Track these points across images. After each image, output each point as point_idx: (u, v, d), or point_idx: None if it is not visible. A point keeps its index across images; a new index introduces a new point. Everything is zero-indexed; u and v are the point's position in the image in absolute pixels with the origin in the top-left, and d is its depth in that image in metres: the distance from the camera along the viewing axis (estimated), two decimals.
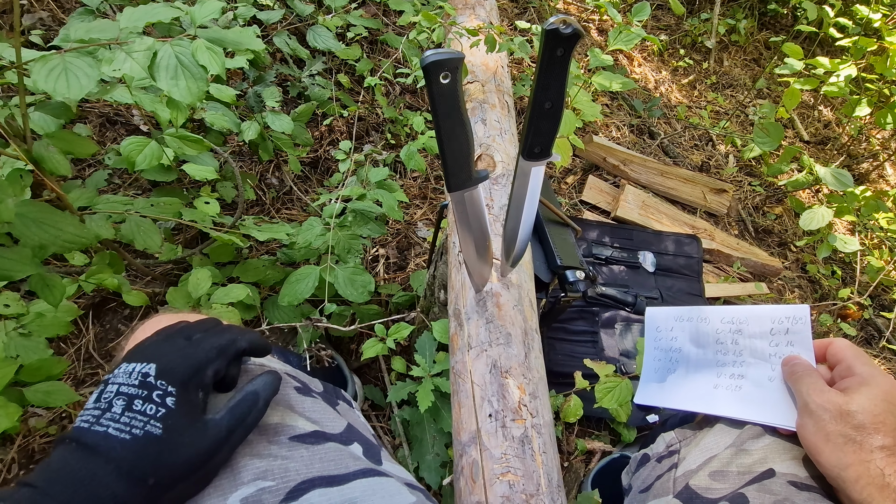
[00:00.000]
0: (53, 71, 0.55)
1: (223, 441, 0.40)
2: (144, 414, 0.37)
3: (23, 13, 1.35)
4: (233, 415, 0.41)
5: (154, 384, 0.39)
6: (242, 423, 0.41)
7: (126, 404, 0.37)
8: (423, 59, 0.43)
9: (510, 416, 0.57)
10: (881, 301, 1.77)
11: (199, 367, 0.41)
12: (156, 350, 0.42)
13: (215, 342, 0.44)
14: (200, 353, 0.42)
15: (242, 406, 0.42)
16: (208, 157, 1.08)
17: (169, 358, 0.41)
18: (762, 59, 2.58)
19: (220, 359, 0.43)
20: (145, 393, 0.38)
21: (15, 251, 0.61)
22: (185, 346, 0.43)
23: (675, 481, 0.58)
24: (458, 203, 0.56)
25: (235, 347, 0.45)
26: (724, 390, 0.60)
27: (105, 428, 0.36)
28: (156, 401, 0.38)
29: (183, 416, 0.38)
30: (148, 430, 0.36)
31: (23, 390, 0.78)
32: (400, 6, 1.43)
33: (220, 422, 0.40)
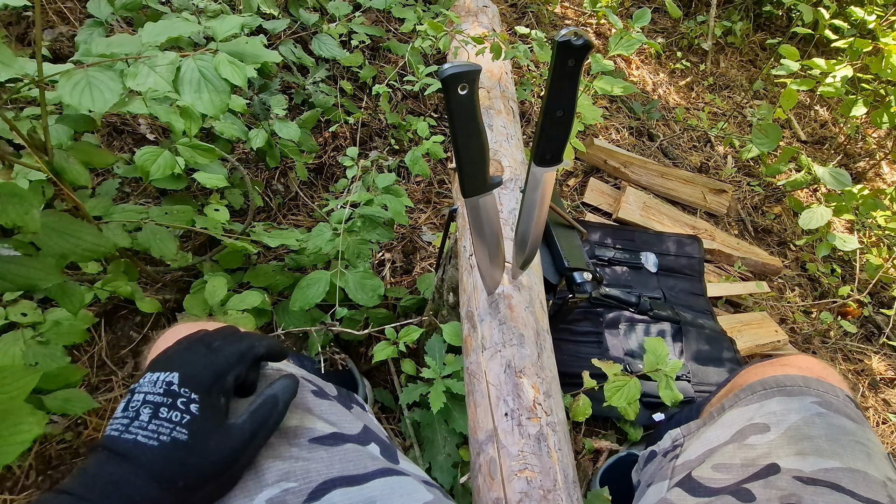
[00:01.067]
0: (78, 85, 0.56)
1: (247, 443, 0.42)
2: (170, 421, 0.39)
3: (44, 28, 1.37)
4: (254, 418, 0.43)
5: (178, 392, 0.40)
6: (264, 425, 0.43)
7: (153, 412, 0.39)
8: (442, 72, 0.45)
9: (525, 415, 0.58)
10: (880, 298, 1.79)
11: (220, 374, 0.43)
12: (178, 359, 0.44)
13: (235, 349, 0.46)
14: (221, 359, 0.44)
15: (263, 409, 0.44)
16: (218, 165, 1.10)
17: (191, 366, 0.43)
18: (758, 60, 2.61)
19: (240, 364, 0.45)
20: (170, 401, 0.40)
21: (38, 261, 0.63)
22: (206, 353, 0.45)
23: (673, 469, 0.60)
24: (472, 208, 0.58)
25: (254, 353, 0.46)
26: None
27: (134, 436, 0.38)
28: (180, 408, 0.40)
29: (207, 422, 0.40)
30: (175, 435, 0.38)
31: (42, 398, 0.79)
32: (402, 14, 1.45)
33: (242, 425, 0.42)
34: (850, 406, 0.58)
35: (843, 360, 1.60)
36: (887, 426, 1.46)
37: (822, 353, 1.59)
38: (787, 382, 0.61)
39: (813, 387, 0.59)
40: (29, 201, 0.58)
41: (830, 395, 0.58)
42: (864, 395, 1.53)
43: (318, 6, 1.55)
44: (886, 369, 1.61)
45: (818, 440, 0.53)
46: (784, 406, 0.58)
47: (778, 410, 0.58)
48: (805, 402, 0.57)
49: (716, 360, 1.27)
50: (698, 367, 1.24)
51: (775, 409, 0.58)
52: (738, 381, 0.68)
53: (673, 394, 0.79)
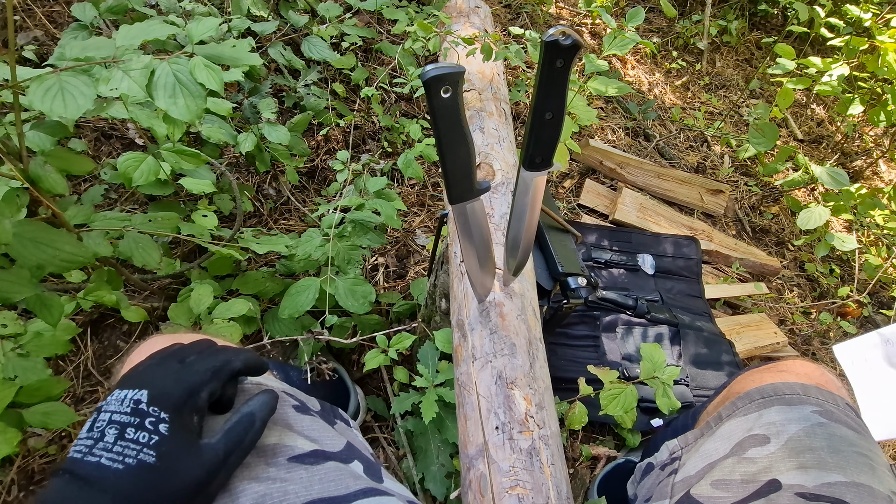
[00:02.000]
0: (50, 91, 0.54)
1: (220, 465, 0.39)
2: (137, 442, 0.37)
3: (17, 31, 1.35)
4: (229, 438, 0.41)
5: (146, 411, 0.38)
6: (239, 445, 0.41)
7: (118, 433, 0.37)
8: (424, 74, 0.43)
9: (517, 428, 0.56)
10: (880, 298, 1.78)
11: (192, 391, 0.41)
12: (148, 375, 0.42)
13: (209, 364, 0.43)
14: (194, 375, 0.42)
15: (238, 428, 0.42)
16: (205, 170, 1.08)
17: (161, 383, 0.40)
18: (754, 59, 2.60)
19: (214, 381, 0.42)
20: (137, 420, 0.38)
21: (12, 273, 0.61)
22: (178, 369, 0.42)
23: (673, 486, 0.57)
24: (459, 215, 0.56)
25: (230, 368, 0.44)
26: None
27: (98, 458, 0.36)
28: (148, 428, 0.37)
29: (177, 443, 0.38)
30: (141, 458, 0.36)
31: (22, 412, 0.77)
32: (394, 15, 1.43)
33: (216, 446, 0.40)
34: (850, 415, 0.56)
35: None
36: None
37: (821, 354, 1.57)
38: (786, 391, 0.59)
39: (812, 395, 0.57)
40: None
41: (831, 404, 0.56)
42: None
43: (308, 8, 1.53)
44: None
45: (820, 452, 0.51)
46: (783, 416, 0.56)
47: (777, 420, 0.56)
48: (805, 412, 0.55)
49: (714, 363, 1.25)
50: (697, 370, 1.22)
51: (774, 419, 0.56)
52: (735, 388, 0.66)
53: (670, 402, 0.77)
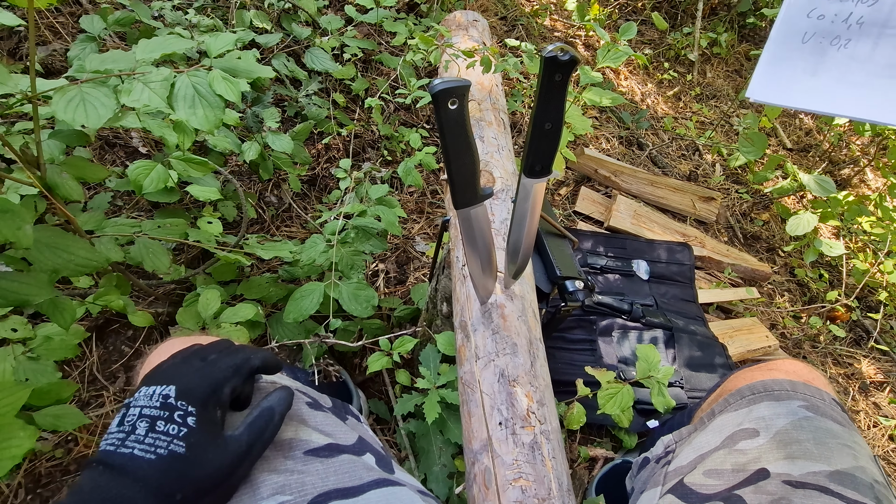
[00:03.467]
0: (72, 101, 0.57)
1: (244, 456, 0.42)
2: (167, 434, 0.39)
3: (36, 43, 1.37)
4: (251, 430, 0.43)
5: (175, 405, 0.40)
6: (260, 437, 0.43)
7: (149, 426, 0.39)
8: (433, 88, 0.46)
9: (519, 424, 0.59)
10: (868, 302, 1.82)
11: (216, 386, 0.43)
12: (174, 372, 0.44)
13: (230, 361, 0.46)
14: (217, 372, 0.44)
15: (259, 422, 0.44)
16: (211, 177, 1.10)
17: (187, 379, 0.43)
18: (743, 70, 2.67)
19: (236, 377, 0.45)
20: (167, 414, 0.40)
21: (31, 276, 0.63)
22: (201, 366, 0.45)
23: (665, 475, 0.60)
24: (464, 220, 0.59)
25: (249, 365, 0.46)
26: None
27: (131, 450, 0.38)
28: (178, 421, 0.39)
29: (204, 434, 0.40)
30: (172, 448, 0.38)
31: (32, 414, 0.78)
32: (394, 28, 1.47)
33: (239, 437, 0.42)
34: (836, 409, 0.59)
35: (833, 364, 1.62)
36: (878, 429, 1.47)
37: (812, 357, 1.61)
38: (775, 387, 0.62)
39: (800, 391, 0.60)
40: (21, 216, 0.58)
41: (817, 399, 0.59)
42: (854, 398, 1.54)
43: (310, 20, 1.57)
44: (876, 373, 1.63)
45: (806, 444, 0.54)
46: (772, 410, 0.59)
47: (766, 415, 0.58)
48: (792, 407, 0.58)
49: (708, 365, 1.28)
50: (691, 373, 1.25)
51: (764, 413, 0.59)
52: (727, 386, 0.69)
53: (665, 400, 0.80)
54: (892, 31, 0.35)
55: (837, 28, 0.37)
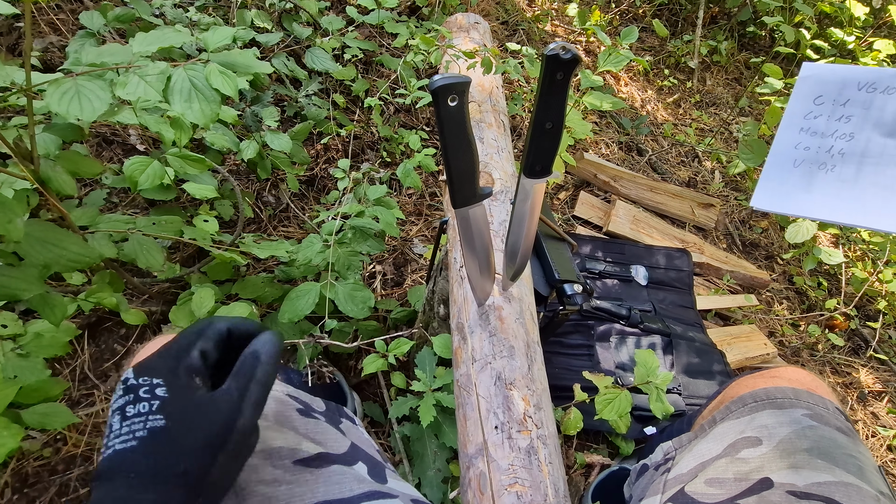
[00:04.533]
0: (66, 94, 0.56)
1: (237, 405, 0.37)
2: (139, 414, 0.35)
3: (35, 38, 1.37)
4: (237, 378, 0.38)
5: (136, 383, 0.37)
6: (252, 380, 0.38)
7: (121, 416, 0.36)
8: (432, 84, 0.45)
9: (516, 428, 0.58)
10: (866, 311, 1.81)
11: (179, 353, 0.39)
12: (136, 362, 0.40)
13: (192, 328, 0.42)
14: (178, 341, 0.40)
15: (244, 368, 0.39)
16: (208, 175, 1.09)
17: (146, 360, 0.39)
18: (743, 78, 2.68)
19: (200, 340, 0.40)
20: (132, 396, 0.36)
21: (21, 270, 0.62)
22: (163, 346, 0.41)
23: (665, 483, 0.59)
24: (462, 219, 0.58)
25: (215, 328, 0.42)
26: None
27: (111, 448, 0.35)
28: (145, 397, 0.36)
29: (182, 400, 0.36)
30: (150, 426, 0.35)
31: (20, 412, 0.77)
32: (395, 29, 1.47)
33: (227, 389, 0.38)
34: (840, 418, 0.58)
35: (831, 372, 1.61)
36: (877, 439, 1.46)
37: (810, 366, 1.60)
38: (778, 395, 0.61)
39: (803, 399, 0.59)
40: (12, 210, 0.57)
41: (821, 408, 0.58)
42: (852, 408, 1.54)
43: (311, 21, 1.57)
44: (874, 382, 1.62)
45: (810, 453, 0.53)
46: (775, 419, 0.58)
47: (769, 423, 0.57)
48: (796, 415, 0.57)
49: (706, 372, 1.27)
50: (689, 379, 1.24)
51: (767, 422, 0.58)
52: (728, 393, 0.68)
53: (664, 406, 0.79)
54: (871, 160, 0.43)
55: (822, 157, 0.45)
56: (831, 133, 0.44)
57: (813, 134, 0.45)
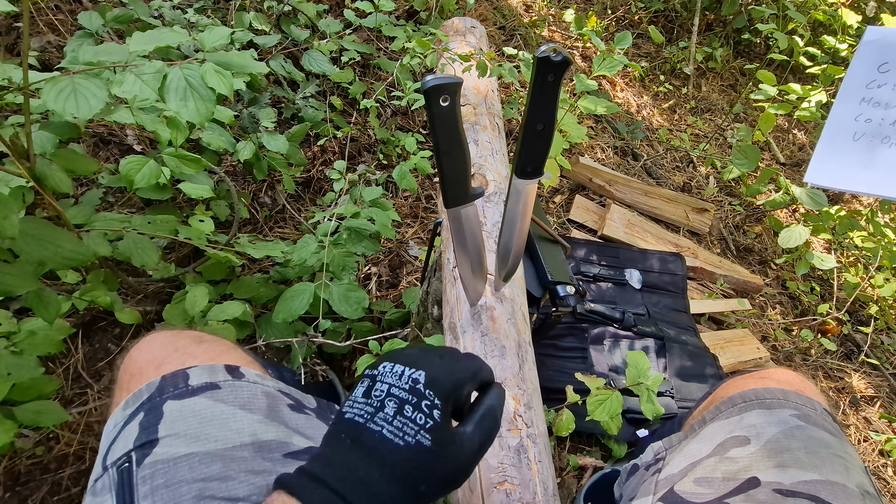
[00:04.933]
0: (63, 92, 0.57)
1: (476, 455, 0.40)
2: (415, 422, 0.38)
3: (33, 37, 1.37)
4: (482, 430, 0.41)
5: (423, 392, 0.39)
6: (489, 436, 0.42)
7: (398, 408, 0.38)
8: (425, 84, 0.46)
9: (506, 427, 0.58)
10: (859, 317, 1.83)
11: (458, 385, 0.41)
12: (419, 358, 0.42)
13: (470, 364, 0.44)
14: (461, 372, 0.42)
15: (486, 422, 0.42)
16: (204, 176, 1.10)
17: (435, 369, 0.41)
18: (738, 84, 2.70)
19: (472, 381, 0.43)
20: (416, 400, 0.38)
21: (16, 267, 0.62)
22: (443, 362, 0.42)
23: (656, 484, 0.59)
24: (454, 219, 0.59)
25: (482, 375, 0.44)
26: None
27: (380, 429, 0.37)
28: (425, 411, 0.38)
29: (446, 430, 0.39)
30: (419, 439, 0.37)
31: (13, 409, 0.77)
32: (392, 33, 1.48)
33: (472, 436, 0.41)
34: (827, 419, 0.59)
35: (823, 377, 1.62)
36: (869, 444, 1.47)
37: (803, 370, 1.61)
38: (767, 395, 0.61)
39: (791, 400, 0.60)
40: (8, 206, 0.57)
41: (808, 409, 0.59)
42: (844, 412, 1.54)
43: (309, 24, 1.58)
44: (866, 387, 1.63)
45: (797, 452, 0.53)
46: (763, 419, 0.58)
47: (758, 423, 0.58)
48: (784, 415, 0.58)
49: (699, 376, 1.27)
50: (682, 383, 1.25)
51: (755, 421, 0.59)
52: (718, 394, 0.68)
53: (654, 408, 0.79)
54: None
55: (886, 129, 0.42)
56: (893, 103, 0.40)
57: (876, 105, 0.42)
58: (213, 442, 0.45)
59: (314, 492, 0.35)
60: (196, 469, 0.43)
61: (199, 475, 0.42)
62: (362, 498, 0.35)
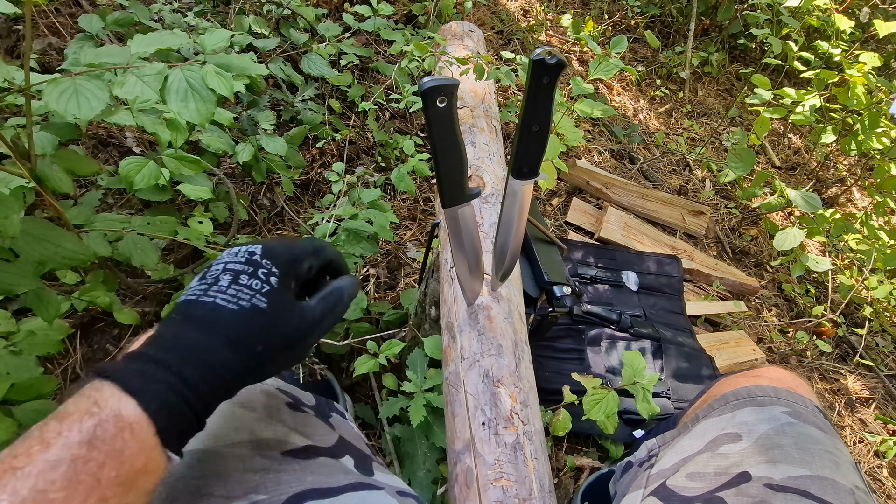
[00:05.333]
0: (65, 93, 0.57)
1: (316, 324, 0.41)
2: (250, 288, 0.38)
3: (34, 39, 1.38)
4: (324, 303, 0.43)
5: (259, 262, 0.40)
6: (332, 312, 0.43)
7: (232, 278, 0.39)
8: (422, 85, 0.47)
9: (502, 424, 0.59)
10: (853, 318, 1.84)
11: (297, 258, 0.43)
12: (260, 241, 0.43)
13: (311, 242, 0.46)
14: (298, 247, 0.44)
15: (330, 298, 0.43)
16: (203, 177, 1.10)
17: (272, 245, 0.42)
18: (734, 89, 2.72)
19: (314, 256, 0.45)
20: (251, 269, 0.39)
21: (16, 266, 0.62)
22: (283, 241, 0.44)
23: (648, 478, 0.60)
24: (451, 219, 0.59)
25: (326, 254, 0.46)
26: None
27: (212, 299, 0.37)
28: (261, 277, 0.39)
29: (284, 296, 0.40)
30: (255, 302, 0.38)
31: (12, 409, 0.77)
32: (391, 36, 1.49)
33: (314, 307, 0.42)
34: (818, 416, 0.60)
35: (819, 379, 1.63)
36: (864, 445, 1.48)
37: (798, 372, 1.62)
38: (759, 393, 0.62)
39: (783, 397, 0.61)
40: (9, 206, 0.58)
41: (800, 406, 0.60)
42: (840, 414, 1.55)
43: (308, 27, 1.59)
44: (861, 388, 1.64)
45: (788, 448, 0.54)
46: (755, 416, 0.59)
47: (749, 420, 0.59)
48: (775, 412, 0.59)
49: (695, 377, 1.28)
50: (678, 384, 1.26)
51: (747, 418, 0.59)
52: (712, 392, 0.69)
53: (650, 407, 0.80)
54: None
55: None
56: None
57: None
58: (211, 439, 0.45)
59: (129, 369, 0.33)
60: (194, 467, 0.43)
61: (197, 472, 0.43)
62: (190, 364, 0.34)
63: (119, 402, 0.31)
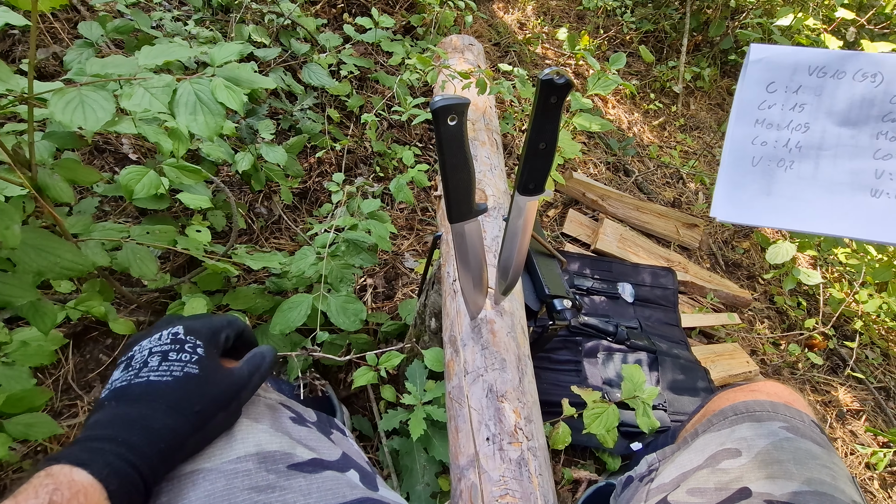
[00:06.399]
0: (71, 103, 0.57)
1: (246, 381, 0.46)
2: (181, 360, 0.42)
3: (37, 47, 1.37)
4: (250, 364, 0.48)
5: (185, 339, 0.44)
6: (258, 370, 0.48)
7: (162, 357, 0.42)
8: (433, 104, 0.47)
9: (507, 440, 0.59)
10: (844, 331, 1.87)
11: (216, 330, 0.48)
12: (176, 318, 0.48)
13: (221, 318, 0.51)
14: (215, 320, 0.49)
15: (254, 360, 0.49)
16: (202, 186, 1.10)
17: (191, 322, 0.47)
18: (725, 103, 2.77)
19: (229, 328, 0.50)
20: (178, 346, 0.43)
21: (14, 277, 0.62)
22: (198, 317, 0.49)
23: (648, 493, 0.60)
24: (458, 234, 0.60)
25: (237, 325, 0.52)
26: (888, 199, 0.38)
27: (145, 378, 0.41)
28: (188, 350, 0.43)
29: (213, 362, 0.44)
30: (187, 370, 0.42)
31: (3, 422, 0.75)
32: (391, 48, 1.50)
33: (241, 368, 0.47)
34: (815, 431, 0.60)
35: (811, 391, 1.65)
36: (855, 457, 1.49)
37: (790, 384, 1.63)
38: (757, 408, 0.63)
39: (781, 412, 0.62)
40: (10, 216, 0.57)
41: (797, 421, 0.61)
42: (831, 426, 1.57)
43: (308, 37, 1.59)
44: (852, 401, 1.66)
45: (787, 464, 0.55)
46: (754, 431, 0.60)
47: (748, 436, 0.59)
48: (773, 428, 0.59)
49: (691, 389, 1.29)
50: (674, 396, 1.26)
51: (746, 434, 0.60)
52: (710, 407, 0.70)
53: (650, 421, 0.81)
54: (827, 153, 0.40)
55: (780, 152, 0.41)
56: (787, 124, 0.40)
57: (769, 126, 0.41)
58: (218, 454, 0.45)
59: (75, 448, 0.36)
60: (199, 486, 0.42)
61: (203, 493, 0.42)
62: (135, 433, 0.37)
63: (71, 472, 0.34)
